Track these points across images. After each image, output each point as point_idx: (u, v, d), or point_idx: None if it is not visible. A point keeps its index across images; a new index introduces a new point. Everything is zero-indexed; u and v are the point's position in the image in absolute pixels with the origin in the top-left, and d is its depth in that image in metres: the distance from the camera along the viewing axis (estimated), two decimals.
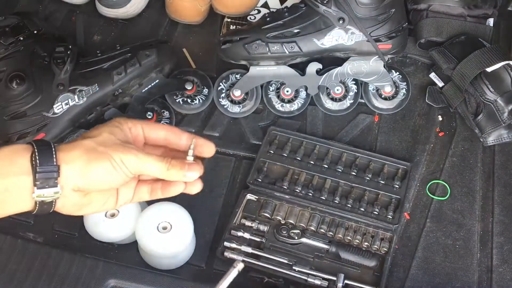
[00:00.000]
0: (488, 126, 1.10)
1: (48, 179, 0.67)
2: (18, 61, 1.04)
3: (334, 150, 1.11)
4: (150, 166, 0.71)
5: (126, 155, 0.69)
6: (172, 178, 0.73)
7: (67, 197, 0.69)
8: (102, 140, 0.70)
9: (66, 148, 0.69)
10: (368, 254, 1.01)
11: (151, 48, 1.10)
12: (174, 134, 0.76)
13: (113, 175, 0.69)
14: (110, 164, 0.69)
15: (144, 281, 0.94)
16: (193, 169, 0.73)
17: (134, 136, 0.75)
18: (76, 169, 0.68)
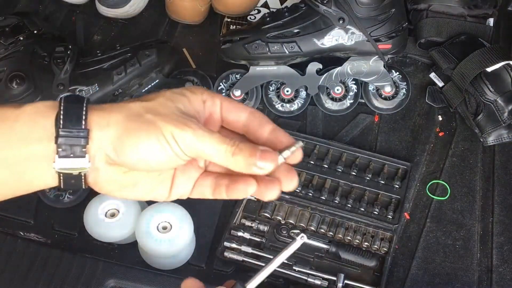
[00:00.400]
0: (488, 126, 1.10)
1: (73, 146, 0.52)
2: (18, 61, 1.04)
3: (334, 150, 1.11)
4: (210, 146, 0.52)
5: (180, 129, 0.51)
6: (237, 167, 0.53)
7: (99, 171, 0.54)
8: (154, 105, 0.53)
9: (103, 109, 0.53)
10: (368, 254, 1.01)
11: (151, 48, 1.10)
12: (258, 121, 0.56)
13: (158, 154, 0.52)
14: (156, 138, 0.51)
15: (144, 281, 0.94)
16: (267, 157, 0.52)
17: (209, 113, 0.56)
18: (110, 137, 0.52)
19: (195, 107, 0.55)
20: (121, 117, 0.52)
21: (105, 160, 0.53)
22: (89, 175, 0.54)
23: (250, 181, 0.54)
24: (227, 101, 0.57)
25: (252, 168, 0.52)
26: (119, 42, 1.17)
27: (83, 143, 0.52)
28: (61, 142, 0.51)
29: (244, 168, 0.52)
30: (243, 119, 0.56)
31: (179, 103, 0.54)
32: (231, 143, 0.52)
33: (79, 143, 0.52)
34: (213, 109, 0.56)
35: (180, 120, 0.52)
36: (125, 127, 0.52)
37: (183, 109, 0.54)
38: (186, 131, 0.51)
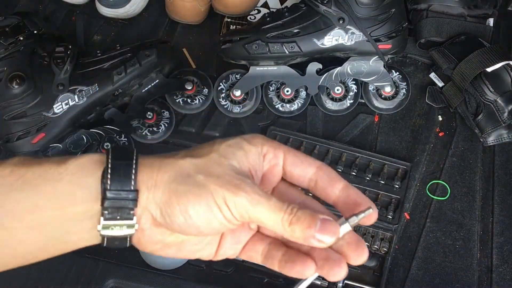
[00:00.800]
0: (488, 126, 1.10)
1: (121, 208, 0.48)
2: (18, 61, 1.04)
3: (334, 150, 1.11)
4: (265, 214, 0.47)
5: (233, 194, 0.47)
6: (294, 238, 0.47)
7: (144, 231, 0.50)
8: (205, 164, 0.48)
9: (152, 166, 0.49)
10: (368, 254, 1.01)
11: (151, 48, 1.10)
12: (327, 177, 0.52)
13: (209, 219, 0.47)
14: (206, 204, 0.47)
15: (144, 281, 0.94)
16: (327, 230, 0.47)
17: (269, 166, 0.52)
18: (158, 200, 0.48)
19: (252, 162, 0.50)
20: (170, 177, 0.48)
21: (151, 221, 0.49)
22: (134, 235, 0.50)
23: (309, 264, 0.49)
24: (292, 154, 0.52)
25: (310, 241, 0.47)
26: (119, 42, 1.17)
27: (131, 206, 0.48)
28: (107, 205, 0.48)
29: (302, 240, 0.47)
30: (310, 174, 0.52)
31: (234, 160, 0.49)
32: (289, 211, 0.47)
33: (127, 205, 0.48)
34: (275, 162, 0.51)
35: (234, 182, 0.47)
36: (174, 190, 0.47)
37: (238, 167, 0.49)
38: (239, 196, 0.46)
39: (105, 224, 0.48)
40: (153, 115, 1.14)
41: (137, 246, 0.51)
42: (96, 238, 0.50)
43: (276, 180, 0.53)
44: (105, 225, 0.48)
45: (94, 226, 0.49)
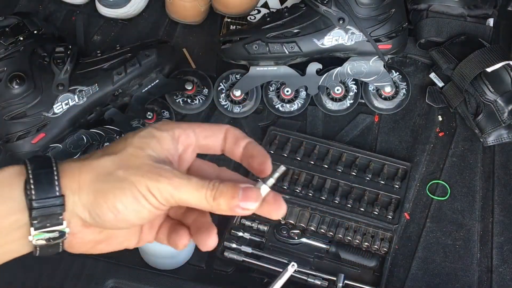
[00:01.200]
0: (488, 126, 1.10)
1: (49, 216, 0.48)
2: (18, 61, 1.04)
3: (334, 150, 1.11)
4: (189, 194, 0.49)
5: (155, 182, 0.48)
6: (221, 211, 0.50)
7: (76, 235, 0.51)
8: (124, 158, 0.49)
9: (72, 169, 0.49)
10: (368, 254, 1.01)
11: (151, 48, 1.10)
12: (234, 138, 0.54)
13: (138, 210, 0.49)
14: (132, 196, 0.48)
15: (144, 281, 0.94)
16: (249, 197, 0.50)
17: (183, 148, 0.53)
18: (85, 202, 0.49)
19: (167, 148, 0.51)
20: (91, 178, 0.49)
21: (81, 224, 0.50)
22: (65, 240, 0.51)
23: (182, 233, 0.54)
24: (202, 130, 0.53)
25: (236, 211, 0.49)
26: (119, 42, 1.17)
27: (59, 211, 0.48)
28: (36, 215, 0.47)
29: (228, 211, 0.49)
30: (220, 140, 0.54)
31: (149, 149, 0.50)
32: (211, 186, 0.49)
33: (55, 212, 0.48)
34: (188, 141, 0.53)
35: (154, 171, 0.48)
36: (98, 189, 0.48)
37: (155, 156, 0.50)
38: (161, 182, 0.48)
39: (36, 234, 0.48)
40: (153, 115, 1.14)
41: (69, 249, 0.52)
42: (26, 248, 0.50)
43: (191, 158, 0.54)
44: (36, 234, 0.48)
45: (23, 236, 0.49)
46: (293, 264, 0.56)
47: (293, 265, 0.56)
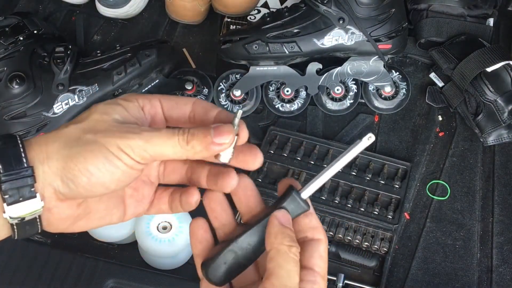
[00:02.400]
0: (488, 126, 1.10)
1: (21, 188, 0.47)
2: (18, 61, 1.04)
3: (334, 150, 1.11)
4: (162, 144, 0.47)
5: (125, 139, 0.47)
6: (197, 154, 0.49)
7: (52, 210, 0.49)
8: (90, 124, 0.48)
9: (38, 142, 0.48)
10: (368, 254, 1.01)
11: (151, 48, 1.10)
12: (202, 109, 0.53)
13: (111, 171, 0.47)
14: (103, 157, 0.47)
15: (144, 281, 0.94)
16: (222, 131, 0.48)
17: (150, 117, 0.52)
18: (55, 170, 0.47)
19: (133, 114, 0.50)
20: (59, 145, 0.47)
21: (55, 197, 0.48)
22: (42, 217, 0.49)
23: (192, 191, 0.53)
24: (167, 100, 0.53)
25: (211, 148, 0.48)
26: (119, 42, 1.17)
27: (30, 182, 0.47)
28: (6, 188, 0.46)
29: (205, 151, 0.48)
30: (188, 111, 0.53)
31: (115, 114, 0.49)
32: (181, 132, 0.48)
33: (26, 183, 0.47)
34: (154, 111, 0.52)
35: (122, 129, 0.48)
36: (67, 155, 0.47)
37: (121, 119, 0.49)
38: (131, 138, 0.47)
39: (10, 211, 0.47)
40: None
41: (48, 228, 0.50)
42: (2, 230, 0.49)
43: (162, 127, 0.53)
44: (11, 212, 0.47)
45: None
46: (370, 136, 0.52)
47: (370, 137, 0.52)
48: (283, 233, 0.48)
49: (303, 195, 0.51)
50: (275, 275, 0.47)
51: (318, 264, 0.49)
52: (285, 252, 0.48)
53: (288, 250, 0.48)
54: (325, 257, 0.50)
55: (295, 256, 0.48)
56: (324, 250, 0.50)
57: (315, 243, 0.50)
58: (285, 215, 0.50)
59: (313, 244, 0.50)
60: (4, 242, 1.00)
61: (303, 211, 0.51)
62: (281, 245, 0.48)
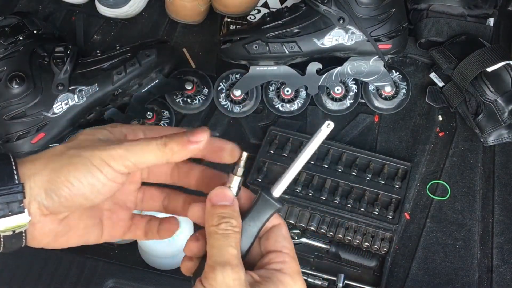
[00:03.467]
0: (488, 126, 1.10)
1: (11, 203, 0.49)
2: (17, 61, 1.04)
3: (334, 150, 1.11)
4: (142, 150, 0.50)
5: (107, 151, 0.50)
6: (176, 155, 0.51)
7: (35, 225, 0.51)
8: (76, 143, 0.52)
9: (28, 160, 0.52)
10: (368, 254, 1.01)
11: (151, 48, 1.10)
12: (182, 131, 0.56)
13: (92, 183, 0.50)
14: (85, 169, 0.50)
15: (144, 281, 0.94)
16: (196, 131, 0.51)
17: None
18: (40, 184, 0.50)
19: (117, 137, 0.54)
20: (45, 161, 0.51)
21: (40, 212, 0.51)
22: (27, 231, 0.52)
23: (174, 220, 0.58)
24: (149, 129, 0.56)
25: (189, 147, 0.51)
26: (119, 42, 1.16)
27: (20, 198, 0.49)
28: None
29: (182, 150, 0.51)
30: None
31: (100, 134, 0.53)
32: (158, 138, 0.51)
33: (15, 199, 0.49)
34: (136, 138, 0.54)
35: (104, 145, 0.51)
36: (52, 169, 0.50)
37: (104, 139, 0.53)
38: (113, 149, 0.50)
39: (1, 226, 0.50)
40: (153, 115, 1.14)
41: (31, 243, 0.53)
42: None
43: None
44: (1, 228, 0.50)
45: None
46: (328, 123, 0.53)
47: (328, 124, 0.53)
48: (212, 215, 0.51)
49: (274, 194, 0.52)
50: (208, 256, 0.50)
51: (285, 245, 0.52)
52: (213, 232, 0.50)
53: (216, 229, 0.50)
54: (289, 238, 0.53)
55: (225, 231, 0.50)
56: (286, 232, 0.54)
57: (276, 228, 0.54)
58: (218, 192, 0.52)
59: (274, 230, 0.53)
60: None
61: (276, 209, 0.52)
62: (210, 227, 0.51)
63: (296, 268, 0.52)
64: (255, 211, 0.52)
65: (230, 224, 0.50)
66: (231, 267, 0.48)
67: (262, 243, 0.53)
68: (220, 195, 0.52)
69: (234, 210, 0.51)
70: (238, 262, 0.49)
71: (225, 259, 0.49)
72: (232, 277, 0.48)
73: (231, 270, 0.48)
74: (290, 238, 0.54)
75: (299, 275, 0.52)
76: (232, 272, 0.48)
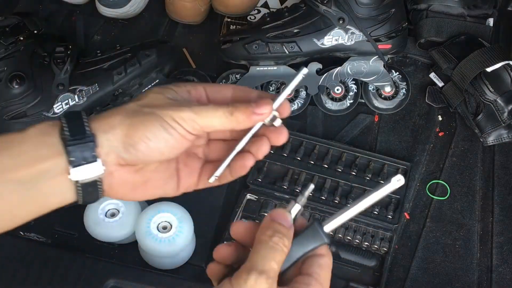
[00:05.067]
0: (488, 126, 1.10)
1: (84, 151, 0.53)
2: (18, 61, 1.04)
3: (334, 150, 1.11)
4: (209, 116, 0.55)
5: (178, 112, 0.54)
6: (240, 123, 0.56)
7: (113, 174, 0.55)
8: (147, 101, 0.56)
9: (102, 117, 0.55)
10: (368, 254, 1.01)
11: (151, 48, 1.10)
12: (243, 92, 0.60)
13: (166, 138, 0.54)
14: (160, 125, 0.54)
15: (144, 281, 0.94)
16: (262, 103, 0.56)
17: (195, 99, 0.59)
18: (118, 137, 0.54)
19: (182, 96, 0.58)
20: (122, 117, 0.54)
21: (116, 162, 0.54)
22: (104, 181, 0.55)
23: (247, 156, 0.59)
24: (210, 85, 0.60)
25: (253, 117, 0.55)
26: (119, 42, 1.17)
27: (92, 146, 0.53)
28: (71, 151, 0.53)
29: (247, 120, 0.55)
30: (230, 95, 0.59)
31: (168, 93, 0.57)
32: (226, 106, 0.55)
33: (88, 148, 0.53)
34: (199, 95, 0.59)
35: (175, 104, 0.55)
36: (130, 124, 0.54)
37: (173, 98, 0.57)
38: (183, 111, 0.54)
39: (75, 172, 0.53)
40: None
41: (109, 193, 0.56)
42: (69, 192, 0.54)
43: None
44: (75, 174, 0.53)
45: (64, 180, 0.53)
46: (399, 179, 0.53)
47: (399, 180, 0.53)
48: (268, 227, 0.53)
49: (325, 228, 0.54)
50: (249, 259, 0.51)
51: (316, 271, 0.53)
52: (264, 241, 0.52)
53: (268, 239, 0.52)
54: (325, 268, 0.54)
55: (275, 244, 0.52)
56: (326, 263, 0.54)
57: (317, 256, 0.54)
58: (280, 212, 0.54)
59: (314, 257, 0.54)
60: (4, 241, 1.00)
61: (322, 242, 0.53)
62: (263, 236, 0.52)
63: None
64: (302, 238, 0.53)
65: (283, 241, 0.52)
66: (266, 277, 0.50)
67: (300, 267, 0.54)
68: (281, 216, 0.54)
69: (289, 232, 0.53)
70: (275, 276, 0.51)
71: (265, 269, 0.50)
72: (263, 286, 0.50)
73: (265, 279, 0.50)
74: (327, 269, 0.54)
75: None
76: (265, 282, 0.50)
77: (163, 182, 0.59)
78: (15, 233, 1.01)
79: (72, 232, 1.03)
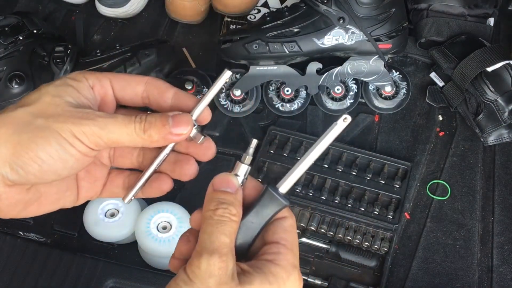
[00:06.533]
0: (488, 126, 1.10)
1: None
2: (17, 60, 1.04)
3: (334, 150, 1.11)
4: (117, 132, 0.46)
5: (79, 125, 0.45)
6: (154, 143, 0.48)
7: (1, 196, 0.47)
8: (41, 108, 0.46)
9: None
10: (368, 254, 1.01)
11: (151, 47, 1.10)
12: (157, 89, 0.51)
13: (64, 159, 0.46)
14: (56, 143, 0.45)
15: (144, 281, 0.94)
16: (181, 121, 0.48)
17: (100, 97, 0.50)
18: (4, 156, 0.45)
19: (85, 96, 0.49)
20: (7, 130, 0.45)
21: (3, 183, 0.46)
22: None
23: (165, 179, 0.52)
24: (118, 79, 0.51)
25: (169, 138, 0.48)
26: (119, 42, 1.16)
27: None
28: None
29: (162, 141, 0.48)
30: (140, 91, 0.51)
31: (68, 96, 0.48)
32: (138, 119, 0.47)
33: None
34: (104, 91, 0.50)
35: (76, 115, 0.46)
36: (17, 141, 0.45)
37: (74, 102, 0.47)
38: (85, 124, 0.45)
39: None
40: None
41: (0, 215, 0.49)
42: None
43: (112, 109, 0.51)
44: None
45: None
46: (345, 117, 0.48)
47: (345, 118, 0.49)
48: (211, 199, 0.47)
49: (281, 190, 0.49)
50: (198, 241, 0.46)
51: (283, 237, 0.48)
52: (208, 216, 0.46)
53: (212, 214, 0.46)
54: (291, 231, 0.49)
55: (221, 217, 0.46)
56: (290, 225, 0.49)
57: (279, 221, 0.49)
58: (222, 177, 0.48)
59: (276, 222, 0.49)
60: (4, 242, 1.00)
61: (282, 206, 0.49)
62: (206, 212, 0.47)
63: (291, 260, 0.47)
64: (259, 207, 0.48)
65: (229, 211, 0.46)
66: (219, 255, 0.44)
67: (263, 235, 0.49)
68: (224, 181, 0.48)
69: (236, 199, 0.47)
70: (228, 251, 0.45)
71: (215, 247, 0.44)
72: (218, 266, 0.44)
73: (219, 258, 0.44)
74: (293, 232, 0.49)
75: (294, 268, 0.47)
76: (219, 261, 0.44)
77: (60, 196, 0.51)
78: (15, 233, 1.01)
79: (71, 232, 1.03)
